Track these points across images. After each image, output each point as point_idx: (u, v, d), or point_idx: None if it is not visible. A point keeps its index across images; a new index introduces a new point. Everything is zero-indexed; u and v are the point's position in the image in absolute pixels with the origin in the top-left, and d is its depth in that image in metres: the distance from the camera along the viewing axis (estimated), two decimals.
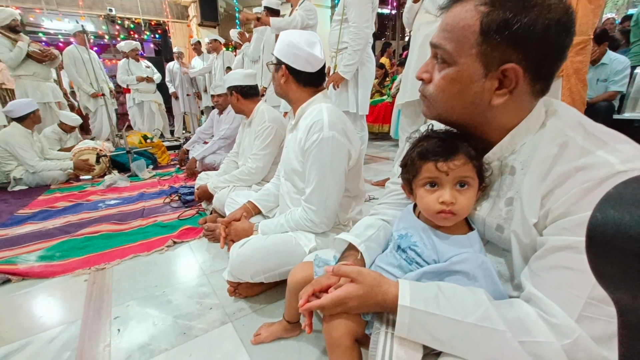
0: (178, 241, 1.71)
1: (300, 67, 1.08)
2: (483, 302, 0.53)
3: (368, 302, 0.58)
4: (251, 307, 1.18)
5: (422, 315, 0.53)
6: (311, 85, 1.14)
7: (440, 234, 0.67)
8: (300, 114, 1.15)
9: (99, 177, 3.06)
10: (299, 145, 1.11)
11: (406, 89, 2.08)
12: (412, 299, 0.55)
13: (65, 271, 1.45)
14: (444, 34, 0.56)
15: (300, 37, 1.07)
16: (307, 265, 0.90)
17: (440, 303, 0.54)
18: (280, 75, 1.13)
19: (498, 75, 0.52)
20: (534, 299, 0.52)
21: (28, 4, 5.21)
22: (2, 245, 1.71)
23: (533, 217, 0.54)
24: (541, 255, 0.53)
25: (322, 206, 1.07)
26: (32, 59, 3.48)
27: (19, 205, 2.37)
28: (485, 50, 0.51)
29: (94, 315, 1.17)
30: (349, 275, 0.60)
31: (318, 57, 1.08)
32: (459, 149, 0.61)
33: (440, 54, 0.57)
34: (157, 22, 6.44)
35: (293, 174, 1.17)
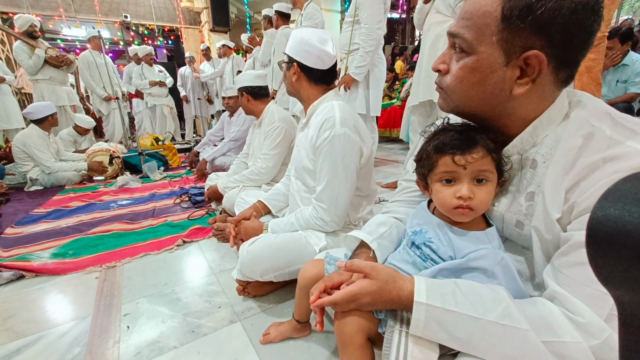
0: (188, 240, 1.71)
1: (312, 64, 1.08)
2: (503, 299, 0.51)
3: (382, 299, 0.56)
4: (260, 306, 1.17)
5: (439, 312, 0.51)
6: (323, 82, 1.13)
7: (457, 230, 0.64)
8: (312, 112, 1.15)
9: (112, 178, 3.12)
10: (310, 142, 1.10)
11: (418, 90, 2.06)
12: (428, 295, 0.52)
13: (77, 268, 1.47)
14: (463, 22, 0.54)
15: (312, 35, 1.07)
16: (318, 263, 0.88)
17: (458, 299, 0.51)
18: (292, 73, 1.13)
19: (520, 63, 0.50)
20: (558, 297, 0.49)
21: (47, 11, 5.40)
22: (17, 242, 1.75)
23: (556, 212, 0.52)
24: (565, 252, 0.50)
25: (333, 204, 1.05)
26: (49, 64, 3.62)
27: (34, 204, 2.43)
28: (507, 37, 0.49)
29: (104, 312, 1.17)
30: (362, 270, 0.58)
31: (330, 53, 1.08)
32: (477, 142, 0.58)
33: (459, 42, 0.55)
34: (171, 28, 6.59)
35: (304, 172, 1.17)
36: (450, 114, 0.65)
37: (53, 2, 5.44)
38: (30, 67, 3.51)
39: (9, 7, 5.14)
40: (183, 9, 6.38)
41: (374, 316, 0.64)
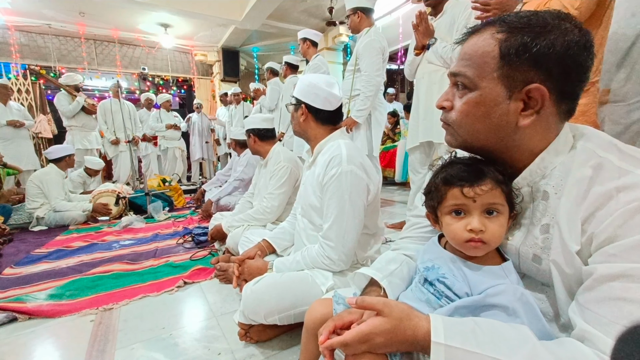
0: (189, 281, 1.65)
1: (319, 106, 1.14)
2: (529, 338, 0.47)
3: (396, 338, 0.52)
4: (263, 353, 1.09)
5: (459, 353, 0.47)
6: (329, 122, 1.18)
7: (471, 264, 0.62)
8: (318, 151, 1.18)
9: (116, 219, 3.12)
10: (317, 180, 1.12)
11: (417, 132, 2.14)
12: (446, 334, 0.49)
13: (72, 310, 1.40)
14: (463, 62, 0.58)
15: (320, 79, 1.15)
16: (326, 302, 0.84)
17: (479, 339, 0.48)
18: (300, 114, 1.18)
19: (522, 96, 0.53)
20: (588, 337, 0.45)
21: (73, 64, 5.87)
22: (15, 283, 1.70)
23: (575, 244, 0.50)
24: (590, 286, 0.47)
25: (341, 242, 1.03)
26: (84, 111, 4.14)
27: (36, 244, 2.40)
28: (507, 73, 0.53)
29: (96, 358, 1.10)
30: (374, 307, 0.54)
31: (337, 95, 1.15)
32: (485, 174, 0.59)
33: (461, 80, 0.58)
34: (184, 78, 7.07)
35: (310, 209, 1.16)
36: (457, 149, 0.67)
37: (79, 57, 5.94)
38: (69, 111, 4.03)
39: (38, 60, 5.61)
40: (197, 62, 6.91)
41: None
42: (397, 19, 4.94)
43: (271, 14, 4.96)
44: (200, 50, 6.67)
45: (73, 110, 4.02)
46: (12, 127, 3.76)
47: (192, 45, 6.53)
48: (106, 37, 5.96)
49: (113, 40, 6.04)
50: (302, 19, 5.34)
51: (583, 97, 1.81)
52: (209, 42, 6.48)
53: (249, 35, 6.03)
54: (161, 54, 6.61)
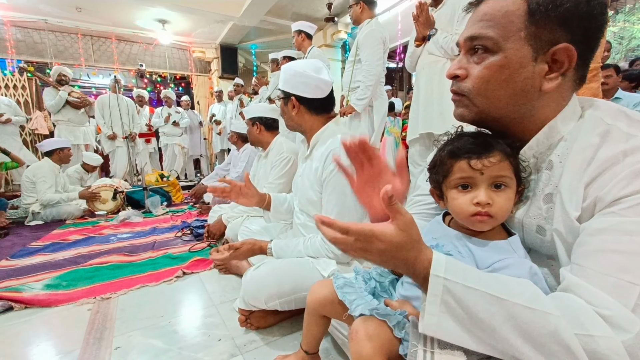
0: (188, 272, 1.64)
1: (310, 95, 1.09)
2: (530, 285, 0.46)
3: (397, 254, 0.48)
4: (263, 339, 1.08)
5: (458, 288, 0.45)
6: (323, 111, 1.14)
7: (477, 240, 0.61)
8: (314, 142, 1.14)
9: (114, 213, 3.09)
10: (315, 174, 1.09)
11: (417, 124, 2.13)
12: (447, 269, 0.46)
13: (69, 300, 1.38)
14: (482, 24, 0.55)
15: (306, 66, 1.09)
16: (327, 283, 0.82)
17: (480, 278, 0.46)
18: (290, 107, 1.13)
19: (547, 58, 0.51)
20: (574, 288, 0.44)
21: (70, 60, 5.81)
22: (10, 274, 1.67)
23: (575, 210, 0.49)
24: (582, 242, 0.46)
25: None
26: (70, 106, 3.97)
27: (32, 238, 2.37)
28: (534, 32, 0.51)
29: (93, 345, 1.08)
30: (400, 213, 0.47)
31: (327, 80, 1.09)
32: (493, 146, 0.57)
33: (482, 43, 0.55)
34: (182, 75, 7.03)
35: (308, 204, 1.14)
36: (468, 123, 0.64)
37: (75, 53, 5.89)
38: (52, 106, 3.87)
39: (34, 57, 5.55)
40: (195, 59, 6.87)
41: (394, 336, 0.58)
42: (395, 15, 4.92)
43: (270, 10, 4.93)
44: (198, 47, 6.63)
45: (56, 105, 3.86)
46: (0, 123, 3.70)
47: (190, 41, 6.49)
48: (103, 34, 5.91)
49: (110, 36, 5.99)
50: (300, 15, 5.32)
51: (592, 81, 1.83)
52: (207, 39, 6.45)
53: (248, 32, 6.01)
54: (159, 51, 6.56)
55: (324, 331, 0.87)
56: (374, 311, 0.62)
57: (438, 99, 1.97)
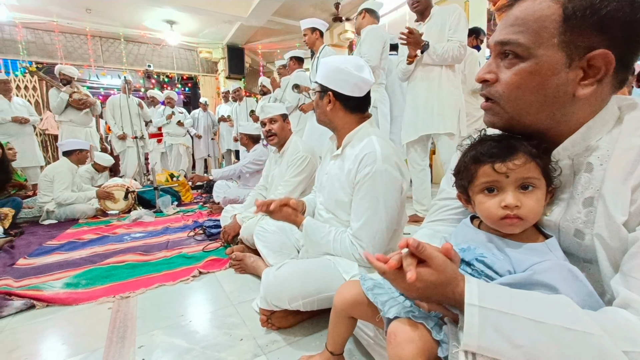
0: (204, 271, 1.64)
1: (348, 92, 1.06)
2: (568, 304, 0.45)
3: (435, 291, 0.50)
4: (285, 339, 1.08)
5: (493, 315, 0.45)
6: (358, 110, 1.11)
7: (511, 242, 0.60)
8: (347, 142, 1.11)
9: (125, 213, 3.11)
10: (347, 176, 1.06)
11: (417, 126, 2.16)
12: (480, 296, 0.47)
13: (89, 299, 1.39)
14: (513, 29, 0.54)
15: (348, 62, 1.06)
16: (355, 284, 0.82)
17: (515, 302, 0.46)
18: (326, 102, 1.10)
19: (582, 64, 0.50)
20: (633, 304, 0.43)
21: (79, 61, 5.87)
22: (29, 273, 1.70)
23: (621, 215, 0.48)
24: (635, 253, 0.45)
25: (371, 242, 1.00)
26: (72, 107, 3.97)
27: (47, 237, 2.40)
28: (569, 38, 0.49)
29: (117, 344, 1.09)
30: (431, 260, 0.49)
31: (368, 79, 1.05)
32: (517, 148, 0.57)
33: (512, 49, 0.54)
34: (189, 76, 7.07)
35: (336, 205, 1.12)
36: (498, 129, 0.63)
37: (85, 54, 5.94)
38: (54, 108, 3.91)
39: (45, 58, 5.62)
40: (202, 59, 6.90)
41: (433, 338, 0.58)
42: (403, 15, 4.90)
43: (277, 10, 4.94)
44: (205, 47, 6.65)
45: (58, 106, 3.86)
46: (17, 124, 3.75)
47: (197, 42, 6.52)
48: (112, 34, 5.95)
49: (119, 37, 6.04)
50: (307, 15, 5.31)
51: None
52: (215, 39, 6.47)
53: (254, 32, 6.02)
54: (166, 51, 6.61)
55: (350, 332, 0.87)
56: (410, 313, 0.62)
57: (438, 102, 2.05)
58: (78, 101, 3.96)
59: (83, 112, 4.11)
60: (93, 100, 4.14)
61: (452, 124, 2.03)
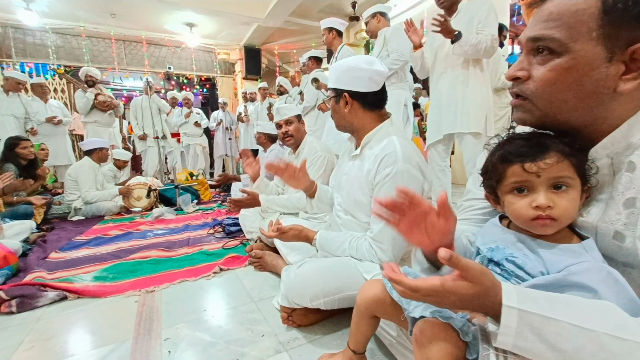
0: (225, 268, 1.68)
1: (364, 89, 1.05)
2: (615, 310, 0.43)
3: (472, 303, 0.48)
4: (306, 337, 1.09)
5: (534, 319, 0.43)
6: (376, 107, 1.10)
7: (543, 242, 0.59)
8: (366, 143, 1.10)
9: (147, 210, 3.22)
10: (366, 177, 1.05)
11: (440, 125, 2.10)
12: (519, 299, 0.45)
13: (117, 292, 1.45)
14: (547, 24, 0.52)
15: (357, 60, 1.06)
16: (378, 282, 0.82)
17: (557, 306, 0.44)
18: (343, 104, 1.08)
19: (625, 58, 0.48)
20: None
21: (104, 64, 6.11)
22: (60, 266, 1.78)
23: None
24: None
25: (392, 244, 0.99)
26: (97, 108, 4.15)
27: (76, 232, 2.51)
28: (609, 32, 0.48)
29: (144, 336, 1.13)
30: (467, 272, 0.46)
31: (381, 70, 1.05)
32: (548, 147, 0.55)
33: (546, 44, 0.53)
34: (207, 77, 7.22)
35: (355, 206, 1.11)
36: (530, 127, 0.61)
37: (109, 57, 6.18)
38: (80, 108, 4.08)
39: (72, 61, 5.88)
40: (220, 61, 7.03)
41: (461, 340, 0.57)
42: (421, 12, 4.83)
43: (293, 11, 4.97)
44: (223, 48, 6.78)
45: (84, 107, 4.04)
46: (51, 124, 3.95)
47: (216, 44, 6.64)
48: (135, 38, 6.15)
49: (141, 40, 6.23)
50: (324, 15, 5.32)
51: None
52: (232, 41, 6.58)
53: (271, 33, 6.08)
54: (186, 53, 6.77)
55: (373, 331, 0.86)
56: (436, 313, 0.62)
57: (462, 100, 1.96)
58: (103, 103, 4.14)
59: (107, 113, 4.29)
60: (117, 102, 4.32)
61: (477, 123, 1.93)
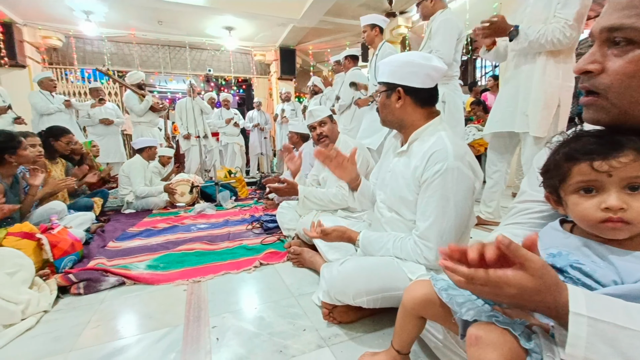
0: (264, 263, 1.74)
1: (419, 85, 1.02)
2: None
3: (532, 299, 0.45)
4: (347, 333, 1.09)
5: (607, 328, 0.40)
6: (428, 104, 1.07)
7: (615, 249, 0.54)
8: (414, 139, 1.07)
9: (190, 205, 3.41)
10: (413, 173, 1.03)
11: (494, 120, 1.97)
12: (589, 306, 0.42)
13: (167, 280, 1.56)
14: (626, 13, 0.49)
15: (413, 55, 1.04)
16: (426, 283, 0.80)
17: (634, 315, 0.41)
18: (394, 99, 1.06)
19: None
20: None
21: (151, 68, 6.56)
22: (117, 254, 1.95)
23: None
24: None
25: (439, 243, 0.96)
26: (151, 109, 4.45)
27: (129, 224, 2.73)
28: None
29: (193, 323, 1.20)
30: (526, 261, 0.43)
31: (439, 67, 1.01)
32: (623, 144, 0.50)
33: (625, 35, 0.49)
34: (244, 78, 7.48)
35: (400, 203, 1.09)
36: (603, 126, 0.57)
37: (156, 62, 6.62)
38: (141, 109, 4.37)
39: (124, 67, 6.38)
40: (256, 62, 7.25)
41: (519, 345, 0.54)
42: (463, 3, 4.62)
43: (328, 10, 4.99)
44: (259, 50, 6.98)
45: (144, 108, 4.37)
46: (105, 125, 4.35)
47: (252, 46, 6.86)
48: (178, 43, 6.54)
49: (184, 45, 6.60)
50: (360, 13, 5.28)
51: None
52: (268, 42, 6.75)
53: (306, 33, 6.15)
54: (224, 56, 7.05)
55: (419, 332, 0.85)
56: (492, 318, 0.59)
57: (523, 97, 1.77)
58: (157, 104, 4.50)
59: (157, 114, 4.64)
60: (166, 104, 4.66)
61: (537, 124, 1.71)
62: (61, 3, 4.65)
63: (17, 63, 4.98)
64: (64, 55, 5.92)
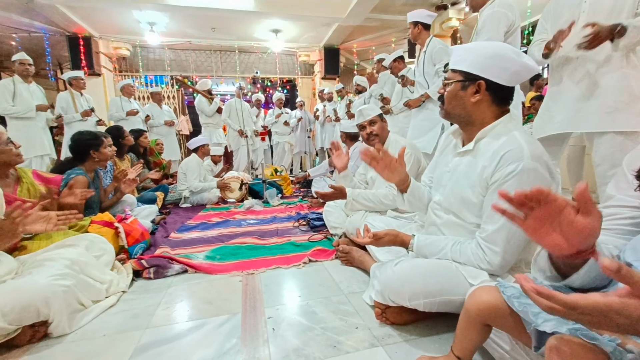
0: (313, 259, 1.77)
1: (505, 82, 0.95)
2: None
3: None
4: (400, 335, 1.08)
5: None
6: (504, 103, 1.00)
7: None
8: (480, 137, 1.01)
9: (239, 201, 3.60)
10: (479, 174, 0.96)
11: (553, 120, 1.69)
12: None
13: (224, 270, 1.67)
14: None
15: (504, 47, 0.95)
16: (492, 289, 0.77)
17: None
18: (470, 92, 0.97)
19: None
20: None
21: (204, 72, 7.02)
22: (179, 244, 2.13)
23: None
24: None
25: (506, 247, 0.91)
26: (217, 111, 5.04)
27: (186, 217, 2.96)
28: None
29: (250, 312, 1.27)
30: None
31: (530, 66, 0.93)
32: None
33: None
34: (289, 79, 7.67)
35: (461, 204, 1.03)
36: None
37: (209, 67, 7.07)
38: (210, 110, 4.99)
39: (181, 72, 6.90)
40: (300, 63, 7.40)
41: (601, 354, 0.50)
42: None
43: (375, 7, 4.91)
44: (304, 51, 7.10)
45: (213, 110, 4.96)
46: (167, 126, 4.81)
47: (297, 47, 7.00)
48: (228, 47, 6.91)
49: (234, 49, 6.96)
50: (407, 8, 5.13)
51: None
52: (312, 43, 6.84)
53: (350, 32, 6.13)
54: (270, 58, 7.31)
55: (483, 340, 0.82)
56: (578, 332, 0.55)
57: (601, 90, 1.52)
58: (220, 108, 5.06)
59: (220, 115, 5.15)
60: None
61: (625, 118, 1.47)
62: (130, 16, 5.17)
63: (94, 72, 5.66)
64: (131, 64, 6.58)
